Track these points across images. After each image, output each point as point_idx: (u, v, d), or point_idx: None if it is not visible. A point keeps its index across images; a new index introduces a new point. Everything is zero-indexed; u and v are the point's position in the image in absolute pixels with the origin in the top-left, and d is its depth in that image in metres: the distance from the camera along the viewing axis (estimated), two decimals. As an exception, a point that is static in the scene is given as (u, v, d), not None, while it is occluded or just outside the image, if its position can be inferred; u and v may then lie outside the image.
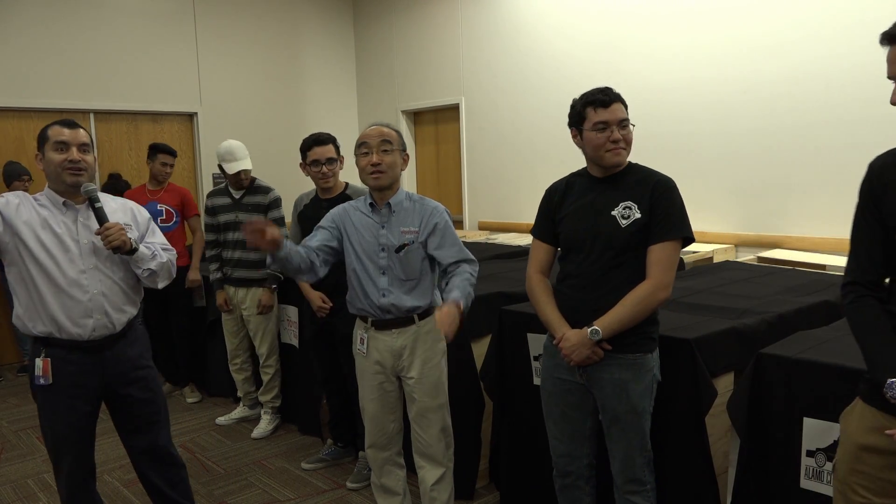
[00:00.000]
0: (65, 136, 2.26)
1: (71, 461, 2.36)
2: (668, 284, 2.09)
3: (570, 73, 5.56)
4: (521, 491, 2.90)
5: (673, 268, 2.11)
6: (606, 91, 2.14)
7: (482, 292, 3.22)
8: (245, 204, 3.94)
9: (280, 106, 7.15)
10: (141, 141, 6.30)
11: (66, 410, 2.31)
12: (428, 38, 6.83)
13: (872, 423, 1.54)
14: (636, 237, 2.10)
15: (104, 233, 2.24)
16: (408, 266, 2.47)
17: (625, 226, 2.11)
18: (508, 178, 6.22)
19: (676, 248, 2.11)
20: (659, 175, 2.17)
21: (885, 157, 1.58)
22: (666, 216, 2.10)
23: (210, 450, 3.86)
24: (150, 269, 2.37)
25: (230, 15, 6.75)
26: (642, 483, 2.21)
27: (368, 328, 2.53)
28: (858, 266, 1.59)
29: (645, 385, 2.15)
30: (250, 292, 3.96)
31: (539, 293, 2.28)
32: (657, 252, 2.09)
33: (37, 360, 2.28)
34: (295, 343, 4.02)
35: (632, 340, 2.12)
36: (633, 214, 2.11)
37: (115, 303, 2.34)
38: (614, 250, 2.12)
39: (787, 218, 4.45)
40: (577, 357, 2.11)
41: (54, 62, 5.79)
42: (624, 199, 2.14)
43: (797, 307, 2.81)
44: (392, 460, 2.64)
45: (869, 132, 4.04)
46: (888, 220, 1.53)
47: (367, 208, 2.52)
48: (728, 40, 4.61)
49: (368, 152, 2.44)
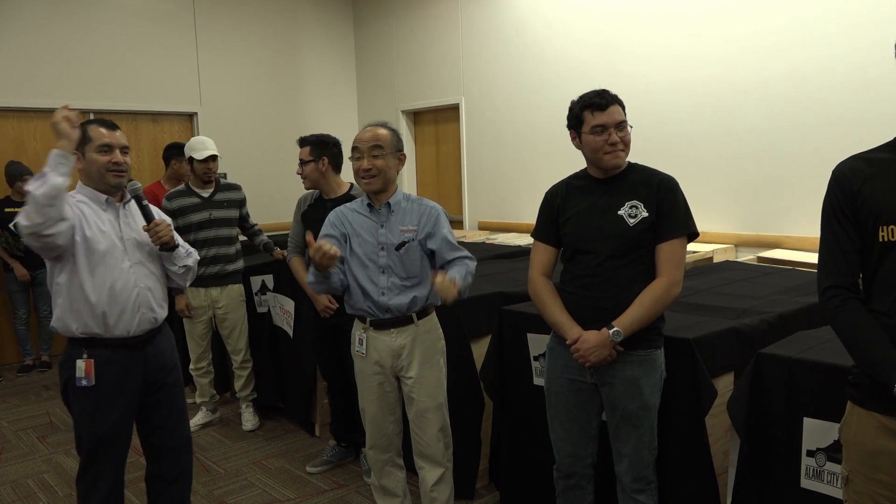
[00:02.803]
0: (109, 138, 2.32)
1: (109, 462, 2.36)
2: (679, 280, 2.13)
3: (569, 73, 5.56)
4: (521, 491, 2.90)
5: (682, 264, 2.15)
6: (603, 94, 2.15)
7: (482, 292, 3.22)
8: (218, 201, 3.94)
9: (280, 106, 7.15)
10: (141, 141, 6.30)
11: (111, 410, 2.32)
12: (428, 38, 6.83)
13: (879, 428, 1.52)
14: (645, 235, 2.13)
15: (154, 229, 2.33)
16: (408, 264, 2.48)
17: (633, 224, 2.13)
18: (508, 178, 6.22)
19: (683, 244, 2.16)
20: (661, 174, 2.20)
21: (852, 162, 1.60)
22: (672, 214, 2.13)
23: (210, 450, 3.86)
24: (187, 266, 2.48)
25: (230, 15, 6.75)
26: (648, 481, 2.22)
27: (367, 328, 2.53)
28: (837, 269, 1.59)
29: (655, 381, 2.18)
30: (226, 290, 3.97)
31: (545, 295, 2.27)
32: (667, 249, 2.13)
33: (78, 362, 2.27)
34: (289, 331, 4.02)
35: (643, 337, 2.13)
36: (641, 213, 2.13)
37: (158, 298, 2.42)
38: (623, 249, 2.14)
39: (787, 218, 4.45)
40: (596, 358, 2.10)
41: (54, 62, 5.79)
42: (629, 199, 2.16)
43: (797, 307, 2.81)
44: (392, 461, 2.64)
45: (869, 132, 4.04)
46: (868, 221, 1.54)
47: (366, 209, 2.53)
48: (728, 40, 4.61)
49: (360, 157, 2.46)
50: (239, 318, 4.05)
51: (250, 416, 4.17)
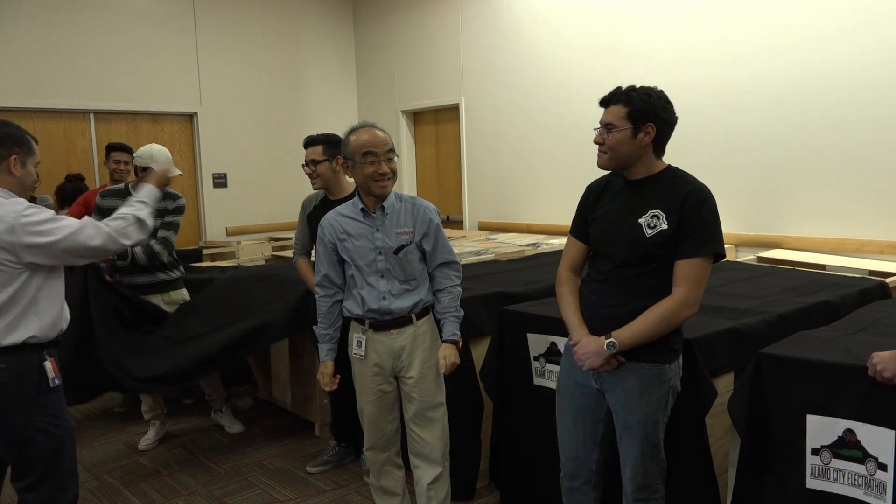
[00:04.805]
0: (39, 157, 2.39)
1: None
2: (694, 302, 2.01)
3: (570, 73, 5.55)
4: (521, 491, 2.90)
5: (701, 285, 2.02)
6: (608, 93, 2.13)
7: (482, 292, 3.22)
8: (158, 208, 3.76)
9: (280, 106, 7.14)
10: (141, 141, 6.26)
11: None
12: (428, 38, 6.83)
13: None
14: (661, 249, 2.02)
15: None
16: (407, 267, 2.47)
17: (649, 235, 2.03)
18: (508, 178, 6.22)
19: (706, 264, 2.02)
20: (694, 184, 2.07)
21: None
22: (697, 230, 2.00)
23: (210, 450, 3.86)
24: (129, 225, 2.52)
25: (230, 15, 6.75)
26: (653, 491, 2.18)
27: (366, 330, 2.52)
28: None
29: (660, 396, 2.10)
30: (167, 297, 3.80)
31: (565, 293, 2.24)
32: (685, 267, 2.00)
33: (46, 364, 2.27)
34: None
35: (651, 350, 2.06)
36: (660, 225, 2.02)
37: None
38: (635, 259, 2.05)
39: (787, 218, 4.45)
40: (590, 364, 2.08)
41: (54, 62, 5.79)
42: (653, 207, 2.05)
43: (797, 307, 2.81)
44: (391, 461, 2.64)
45: (868, 133, 4.04)
46: None
47: (359, 214, 2.49)
48: (728, 41, 4.61)
49: (376, 161, 2.41)
50: None
51: (231, 418, 4.13)
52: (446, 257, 2.54)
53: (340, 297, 2.57)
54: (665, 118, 2.11)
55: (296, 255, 3.45)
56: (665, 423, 2.15)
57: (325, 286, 2.56)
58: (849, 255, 4.14)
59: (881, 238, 4.04)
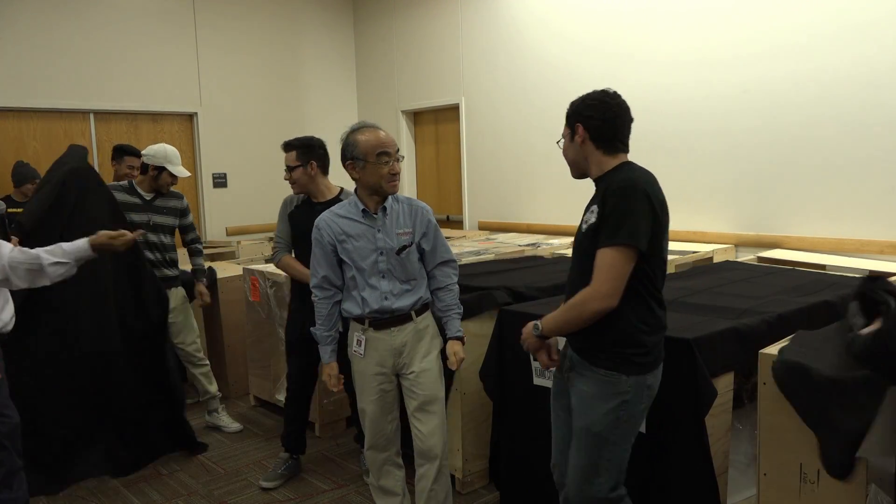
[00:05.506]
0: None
1: None
2: (605, 294, 1.93)
3: (569, 74, 5.55)
4: (521, 491, 2.90)
5: (612, 276, 1.92)
6: None
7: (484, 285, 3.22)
8: (159, 206, 3.82)
9: (280, 106, 7.14)
10: (141, 141, 6.28)
11: None
12: (428, 38, 6.83)
13: None
14: (592, 243, 1.99)
15: None
16: (408, 267, 2.48)
17: (584, 230, 2.05)
18: (508, 178, 6.22)
19: (617, 255, 1.92)
20: (621, 177, 2.01)
21: None
22: (606, 221, 1.95)
23: (210, 450, 3.86)
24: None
25: (230, 15, 6.75)
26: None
27: (366, 329, 2.52)
28: None
29: (609, 408, 2.00)
30: (171, 293, 3.83)
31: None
32: (596, 259, 1.96)
33: None
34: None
35: (603, 355, 2.02)
36: (591, 219, 2.01)
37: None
38: (578, 255, 2.09)
39: (787, 218, 4.45)
40: (526, 346, 2.17)
41: (54, 62, 5.79)
42: (593, 203, 2.05)
43: (797, 307, 2.81)
44: (391, 460, 2.64)
45: (868, 133, 4.04)
46: None
47: (359, 214, 2.49)
48: (727, 42, 4.61)
49: (389, 161, 2.44)
50: (186, 319, 3.96)
51: (227, 416, 4.16)
52: (445, 256, 2.59)
53: (339, 298, 2.57)
54: (590, 115, 2.07)
55: (277, 253, 3.39)
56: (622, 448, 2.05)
57: (324, 288, 2.55)
58: (849, 255, 4.14)
59: (881, 238, 4.04)
